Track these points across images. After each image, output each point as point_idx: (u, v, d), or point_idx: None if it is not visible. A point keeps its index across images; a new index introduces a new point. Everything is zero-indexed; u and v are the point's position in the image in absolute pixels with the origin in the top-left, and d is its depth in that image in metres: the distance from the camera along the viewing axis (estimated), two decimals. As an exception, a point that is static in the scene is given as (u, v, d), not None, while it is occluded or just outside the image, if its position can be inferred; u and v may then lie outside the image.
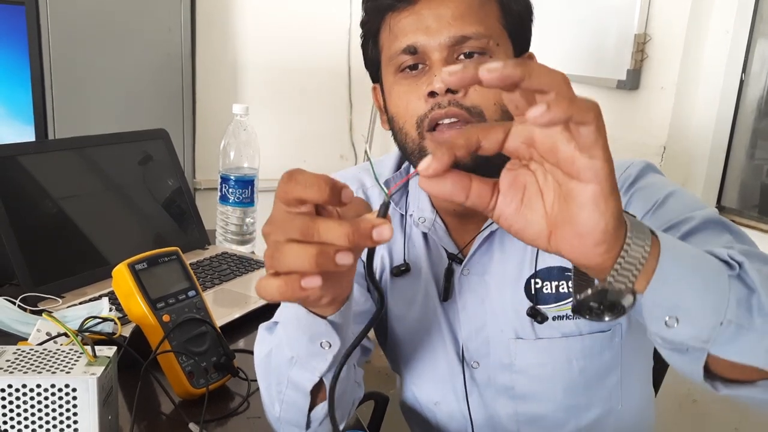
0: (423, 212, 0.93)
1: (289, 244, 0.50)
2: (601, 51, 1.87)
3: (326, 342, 0.68)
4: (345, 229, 0.49)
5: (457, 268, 0.91)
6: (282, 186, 0.51)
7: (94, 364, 0.75)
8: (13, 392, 0.72)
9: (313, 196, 0.50)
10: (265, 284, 0.51)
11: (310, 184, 0.50)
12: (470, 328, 0.91)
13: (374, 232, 0.49)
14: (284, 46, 2.59)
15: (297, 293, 0.50)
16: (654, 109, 1.77)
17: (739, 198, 1.74)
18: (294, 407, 0.76)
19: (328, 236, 0.49)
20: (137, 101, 2.36)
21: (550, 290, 0.87)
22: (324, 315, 0.66)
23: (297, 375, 0.73)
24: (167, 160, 1.47)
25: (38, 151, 1.26)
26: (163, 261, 0.95)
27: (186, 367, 0.90)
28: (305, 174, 0.50)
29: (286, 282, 0.50)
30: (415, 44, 0.82)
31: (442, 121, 0.81)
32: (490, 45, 0.82)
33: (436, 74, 0.81)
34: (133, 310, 0.91)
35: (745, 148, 1.71)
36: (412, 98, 0.83)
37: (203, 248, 1.48)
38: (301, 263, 0.49)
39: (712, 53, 1.70)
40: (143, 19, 2.33)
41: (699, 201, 0.82)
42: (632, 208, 0.82)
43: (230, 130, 1.51)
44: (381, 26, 0.87)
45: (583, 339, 0.87)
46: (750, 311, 0.54)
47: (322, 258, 0.49)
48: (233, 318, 1.16)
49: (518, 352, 0.88)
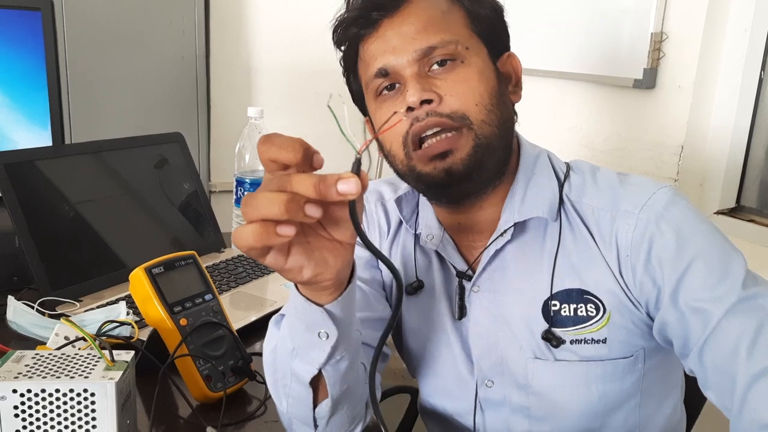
0: (431, 229, 0.91)
1: (264, 193, 0.54)
2: (616, 50, 1.85)
3: (324, 332, 0.68)
4: (313, 179, 0.53)
5: (468, 284, 0.89)
6: (258, 147, 0.56)
7: (112, 368, 0.76)
8: (33, 397, 0.72)
9: (287, 157, 0.54)
10: (242, 230, 0.55)
11: (285, 145, 0.54)
12: (483, 346, 0.89)
13: (339, 183, 0.53)
14: (298, 48, 2.58)
15: (272, 238, 0.54)
16: (671, 108, 1.75)
17: (758, 197, 1.71)
18: (299, 401, 0.76)
19: (298, 185, 0.53)
20: (152, 104, 2.36)
21: (569, 313, 0.84)
22: (320, 303, 0.66)
23: (298, 366, 0.73)
24: (183, 164, 1.48)
25: (55, 155, 1.27)
26: (179, 265, 0.95)
27: (203, 370, 0.90)
28: (281, 137, 0.55)
29: (261, 226, 0.54)
30: (385, 66, 0.83)
31: (425, 134, 0.81)
32: (459, 50, 0.82)
33: (408, 89, 0.81)
34: (150, 314, 0.91)
35: (764, 147, 1.69)
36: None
37: (219, 251, 1.48)
38: (271, 209, 0.52)
39: (730, 51, 1.68)
40: (157, 22, 2.34)
41: (723, 253, 0.78)
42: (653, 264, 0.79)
43: (245, 133, 1.51)
44: (356, 58, 0.88)
45: (604, 364, 0.84)
46: None
47: (292, 204, 0.52)
48: (250, 321, 1.16)
49: (536, 373, 0.86)
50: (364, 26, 0.84)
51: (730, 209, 1.73)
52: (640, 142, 1.80)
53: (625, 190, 0.84)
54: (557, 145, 1.14)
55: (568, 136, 2.03)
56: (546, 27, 2.03)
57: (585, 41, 1.95)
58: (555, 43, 2.02)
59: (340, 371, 0.73)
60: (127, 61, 2.30)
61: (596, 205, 0.85)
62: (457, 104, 0.80)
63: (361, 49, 0.87)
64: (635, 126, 1.83)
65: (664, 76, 1.76)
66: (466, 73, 0.81)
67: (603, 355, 0.84)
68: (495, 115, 0.82)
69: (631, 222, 0.81)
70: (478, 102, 0.81)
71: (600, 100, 1.92)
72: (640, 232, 0.80)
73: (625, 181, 0.86)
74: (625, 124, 1.86)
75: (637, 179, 0.87)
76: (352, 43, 0.87)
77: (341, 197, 0.53)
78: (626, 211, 0.82)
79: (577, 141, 2.00)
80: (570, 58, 1.99)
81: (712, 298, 0.75)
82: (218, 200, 2.56)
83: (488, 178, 0.85)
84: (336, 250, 0.62)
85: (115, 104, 2.29)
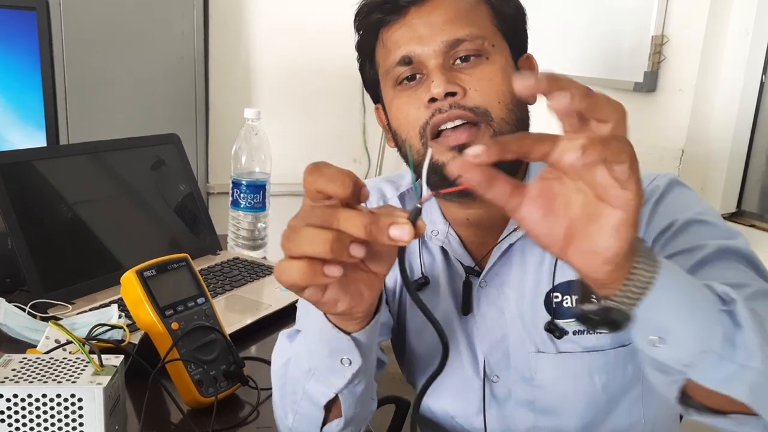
0: (435, 225, 0.91)
1: (307, 228, 0.50)
2: (617, 53, 1.84)
3: (347, 359, 0.67)
4: (364, 219, 0.49)
5: (475, 280, 0.89)
6: (306, 176, 0.51)
7: (100, 373, 0.74)
8: (19, 402, 0.71)
9: (336, 191, 0.50)
10: (287, 266, 0.51)
11: (335, 178, 0.50)
12: (491, 341, 0.89)
13: (392, 229, 0.49)
14: (297, 49, 2.58)
15: (319, 278, 0.51)
16: (672, 111, 1.74)
17: (759, 202, 1.70)
18: (307, 419, 0.75)
19: (347, 224, 0.49)
20: (151, 105, 2.36)
21: (570, 304, 0.84)
22: (348, 331, 0.64)
23: (313, 388, 0.72)
24: (179, 165, 1.46)
25: (49, 156, 1.26)
26: (172, 268, 0.94)
27: (195, 375, 0.89)
28: (330, 168, 0.51)
29: (309, 266, 0.50)
30: (409, 54, 0.81)
31: (445, 126, 0.80)
32: (485, 46, 0.81)
33: (433, 80, 0.79)
34: (141, 317, 0.90)
35: (765, 151, 1.68)
36: (412, 108, 0.82)
37: (215, 253, 1.47)
38: (315, 247, 0.49)
39: (731, 54, 1.67)
40: (156, 23, 2.33)
41: (723, 226, 0.80)
42: (653, 225, 0.81)
43: (242, 135, 1.50)
44: (375, 44, 0.87)
45: (606, 354, 0.84)
46: (734, 345, 0.55)
47: (337, 244, 0.49)
48: (244, 324, 1.14)
49: (539, 366, 0.86)
50: (389, 12, 0.83)
51: (731, 214, 1.72)
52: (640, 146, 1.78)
53: None
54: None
55: (568, 139, 2.02)
56: (546, 30, 2.02)
57: (585, 44, 1.94)
58: (555, 45, 2.01)
59: (356, 394, 0.73)
60: (126, 62, 2.29)
61: None
62: (481, 99, 0.80)
63: (383, 35, 0.85)
64: (635, 129, 1.81)
65: (665, 79, 1.75)
66: (490, 70, 0.81)
67: (605, 344, 0.84)
68: (515, 114, 0.82)
69: None
70: (500, 100, 0.80)
71: (600, 103, 1.90)
72: (642, 206, 0.81)
73: None
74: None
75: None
76: (374, 28, 0.86)
77: (391, 242, 0.50)
78: None
79: (577, 144, 1.98)
80: (570, 60, 1.98)
81: (696, 244, 0.75)
82: (217, 202, 2.55)
83: (507, 169, 0.85)
84: (371, 281, 0.59)
85: (114, 105, 2.28)
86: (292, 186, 2.39)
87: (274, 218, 1.53)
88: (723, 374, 0.55)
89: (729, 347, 0.55)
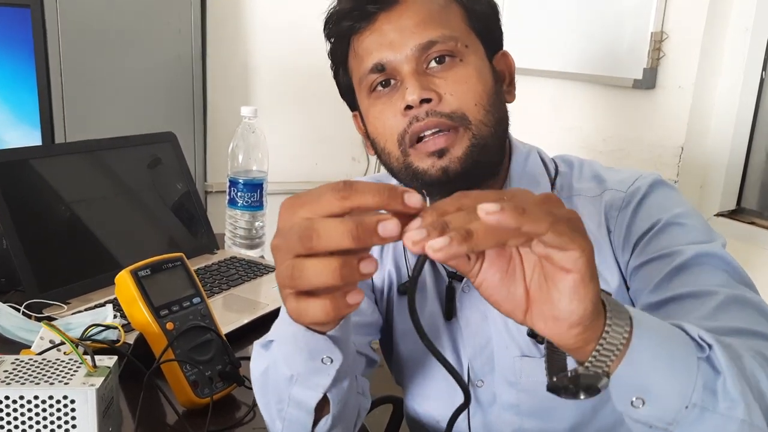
0: None
1: (305, 260, 0.47)
2: (616, 50, 1.83)
3: (327, 357, 0.65)
4: (347, 225, 0.45)
5: (458, 285, 0.88)
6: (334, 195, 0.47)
7: (93, 374, 0.74)
8: (11, 404, 0.70)
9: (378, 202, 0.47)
10: (306, 307, 0.49)
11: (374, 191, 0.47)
12: (475, 345, 0.88)
13: (380, 227, 0.45)
14: (295, 47, 2.56)
15: (344, 310, 0.49)
16: (671, 108, 1.73)
17: (759, 199, 1.69)
18: (296, 424, 0.74)
19: (329, 236, 0.46)
20: (148, 104, 2.35)
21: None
22: (322, 331, 0.63)
23: (299, 393, 0.70)
24: (176, 164, 1.45)
25: (44, 155, 1.25)
26: (167, 267, 0.93)
27: (190, 376, 0.88)
28: (368, 184, 0.48)
29: (332, 301, 0.49)
30: (381, 61, 0.81)
31: (424, 133, 0.79)
32: (459, 47, 0.81)
33: (408, 87, 0.79)
34: (136, 317, 0.89)
35: (765, 149, 1.67)
36: (388, 116, 0.81)
37: (212, 252, 1.46)
38: (324, 279, 0.47)
39: (731, 51, 1.66)
40: (153, 21, 2.32)
41: (703, 228, 0.80)
42: (635, 228, 0.81)
43: (239, 133, 1.49)
44: (347, 51, 0.86)
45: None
46: (715, 395, 0.54)
47: (346, 270, 0.46)
48: (241, 324, 1.13)
49: (524, 370, 0.85)
50: (358, 19, 0.82)
51: (730, 211, 1.71)
52: (639, 143, 1.78)
53: (611, 176, 0.87)
54: (557, 146, 1.13)
55: (568, 136, 2.01)
56: (545, 27, 2.01)
57: (584, 41, 1.93)
58: (554, 43, 2.00)
59: (343, 390, 0.71)
60: (122, 60, 2.28)
61: (585, 194, 0.86)
62: (457, 104, 0.79)
63: (354, 43, 0.84)
64: (635, 127, 1.81)
65: (665, 77, 1.74)
66: (465, 72, 0.80)
67: None
68: (492, 115, 0.82)
69: (617, 203, 0.84)
70: (477, 102, 0.80)
71: (599, 100, 1.90)
72: (624, 208, 0.83)
73: (611, 169, 0.90)
74: (624, 125, 1.84)
75: (624, 169, 0.90)
76: (345, 35, 0.85)
77: (382, 242, 0.46)
78: (614, 191, 0.85)
79: (577, 142, 1.98)
80: (569, 58, 1.97)
81: (674, 249, 0.76)
82: (215, 200, 2.54)
83: (483, 177, 0.84)
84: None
85: (111, 103, 2.27)
86: (290, 185, 2.39)
87: (271, 217, 1.52)
88: (707, 427, 0.54)
89: (710, 396, 0.54)
